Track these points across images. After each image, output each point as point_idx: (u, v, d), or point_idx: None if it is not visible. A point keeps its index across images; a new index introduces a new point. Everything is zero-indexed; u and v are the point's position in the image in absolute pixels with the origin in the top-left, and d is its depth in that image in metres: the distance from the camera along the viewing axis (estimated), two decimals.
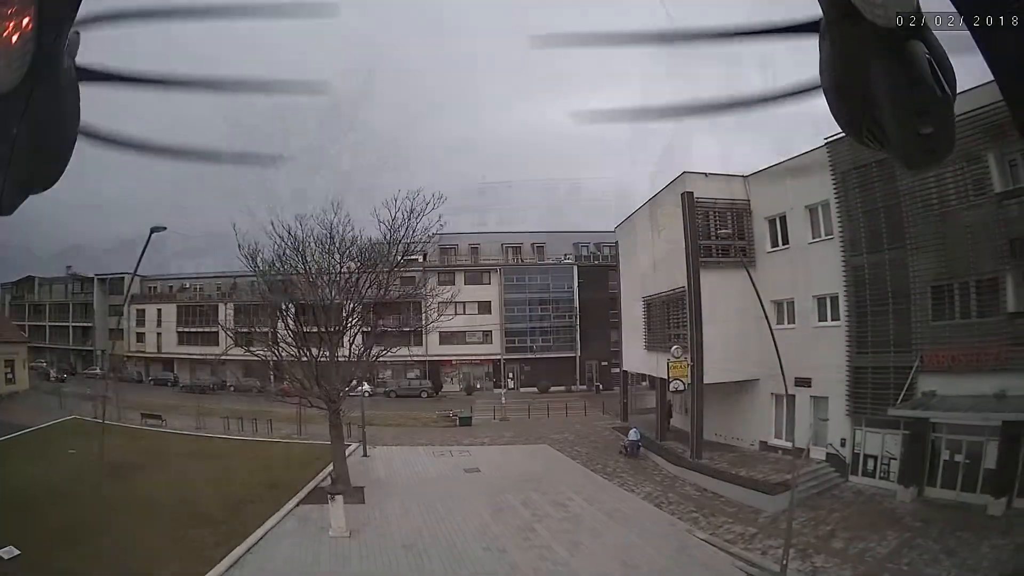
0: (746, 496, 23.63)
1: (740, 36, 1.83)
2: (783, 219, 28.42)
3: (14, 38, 1.42)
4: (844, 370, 25.11)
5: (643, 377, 41.07)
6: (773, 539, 19.44)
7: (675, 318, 31.00)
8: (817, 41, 1.69)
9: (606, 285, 63.67)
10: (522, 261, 69.39)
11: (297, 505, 23.98)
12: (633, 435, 32.53)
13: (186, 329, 76.41)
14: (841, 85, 1.66)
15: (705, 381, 28.51)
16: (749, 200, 29.92)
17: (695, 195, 28.89)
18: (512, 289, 67.01)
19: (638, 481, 27.77)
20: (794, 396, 26.05)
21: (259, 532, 20.79)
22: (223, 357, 52.42)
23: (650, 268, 34.02)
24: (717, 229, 29.46)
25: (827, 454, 25.75)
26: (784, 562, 16.40)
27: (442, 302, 41.09)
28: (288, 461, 31.00)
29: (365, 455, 31.64)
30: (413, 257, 33.13)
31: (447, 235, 70.83)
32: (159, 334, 79.12)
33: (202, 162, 2.27)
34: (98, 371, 76.82)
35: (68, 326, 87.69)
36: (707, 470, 26.74)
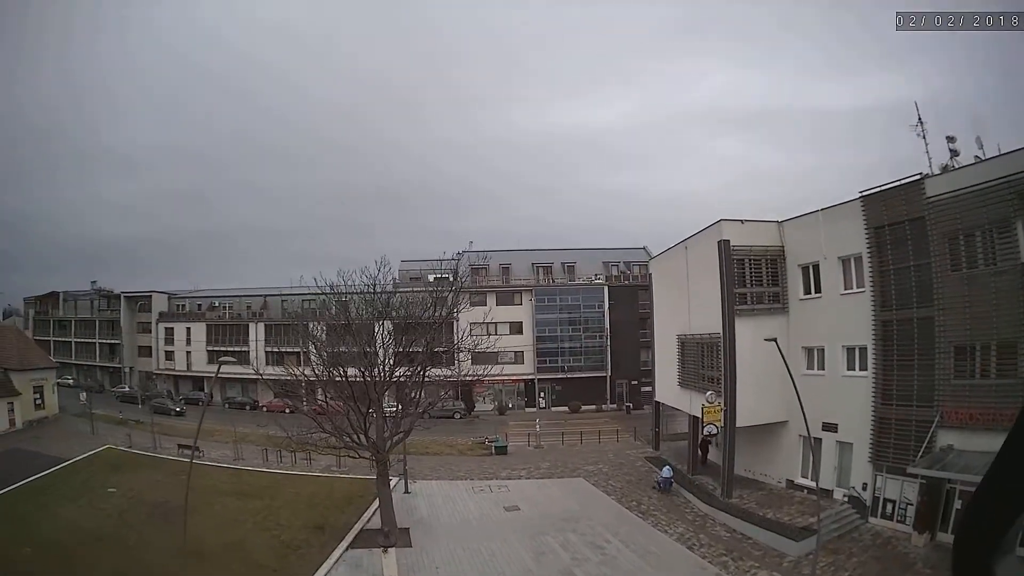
0: (772, 540, 25.66)
1: None
2: (816, 268, 30.29)
3: None
4: (869, 419, 27.02)
5: None
6: None
7: (709, 361, 32.98)
8: None
9: (636, 305, 65.76)
10: (553, 281, 71.41)
11: (347, 550, 26.17)
12: (666, 472, 34.75)
13: (215, 347, 78.37)
14: None
15: (737, 425, 30.47)
16: (783, 246, 31.86)
17: (731, 243, 30.88)
18: (543, 309, 69.28)
19: (671, 520, 29.92)
20: (820, 439, 28.31)
21: None
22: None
23: (684, 308, 36.04)
24: (752, 275, 31.39)
25: (849, 497, 27.73)
26: None
27: (474, 325, 43.12)
28: (331, 499, 33.22)
29: (407, 492, 33.99)
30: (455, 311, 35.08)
31: (479, 253, 73.40)
32: (188, 352, 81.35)
33: None
34: (127, 389, 79.78)
35: (95, 342, 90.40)
36: (736, 511, 28.78)
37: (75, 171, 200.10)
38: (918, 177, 25.61)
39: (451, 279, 69.26)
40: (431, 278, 72.48)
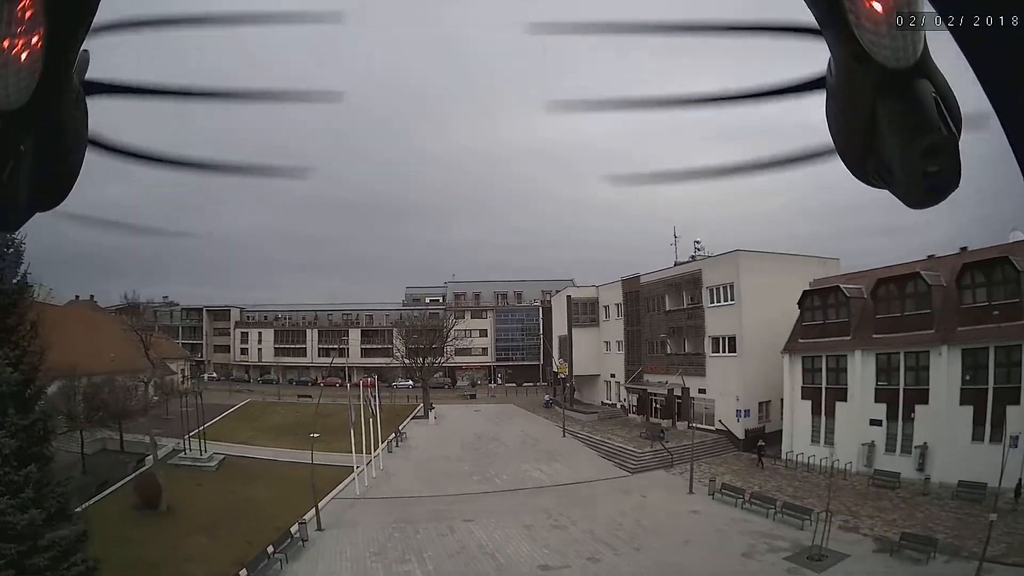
0: (579, 417, 64.06)
1: (749, 99, 1.94)
2: (608, 307, 69.88)
3: (23, 56, 1.53)
4: (623, 370, 66.04)
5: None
6: (588, 428, 60.08)
7: (566, 347, 72.23)
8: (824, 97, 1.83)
9: None
10: (507, 303, 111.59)
11: (411, 419, 65.61)
12: (547, 398, 75.07)
13: (281, 346, 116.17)
14: (847, 128, 1.78)
15: (575, 374, 69.62)
16: (598, 297, 71.33)
17: (572, 297, 70.27)
18: (501, 321, 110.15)
19: (545, 415, 69.49)
20: (609, 381, 68.24)
21: (403, 425, 61.68)
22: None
23: (561, 323, 75.50)
24: (582, 310, 70.84)
25: (621, 406, 66.76)
26: (562, 423, 57.41)
27: (459, 332, 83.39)
28: (395, 410, 70.88)
29: (431, 407, 72.54)
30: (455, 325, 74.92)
31: (459, 283, 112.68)
32: (260, 349, 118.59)
33: (227, 175, 2.36)
34: (215, 375, 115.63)
35: (179, 343, 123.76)
36: (572, 409, 67.68)
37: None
38: (638, 274, 64.51)
39: (441, 300, 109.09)
40: (427, 300, 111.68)
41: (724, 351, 51.45)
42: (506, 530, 32.07)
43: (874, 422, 39.09)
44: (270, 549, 28.45)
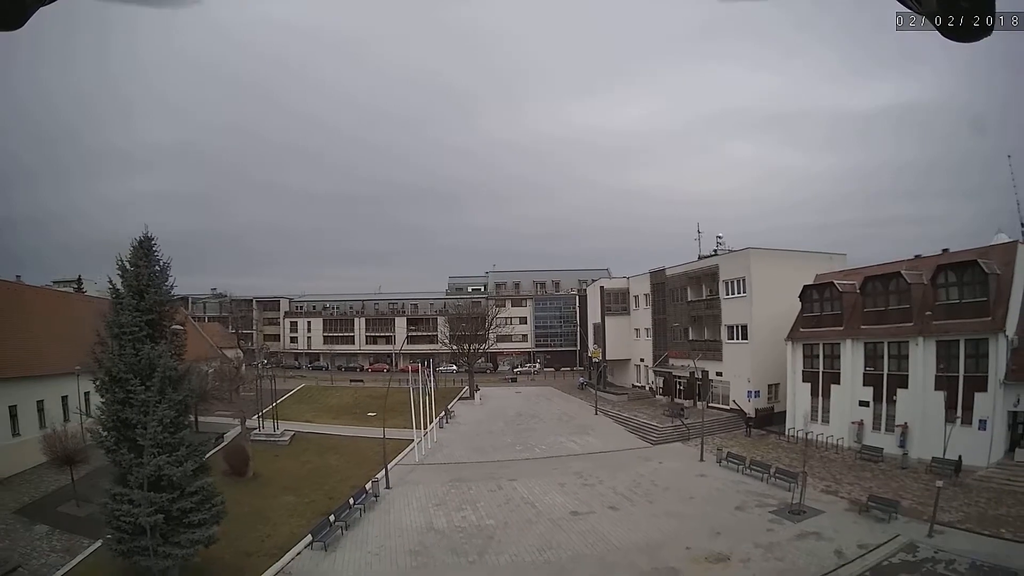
0: (611, 397, 71.54)
1: None
2: (637, 296, 76.86)
3: None
4: (651, 355, 72.94)
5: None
6: (617, 407, 67.24)
7: (599, 333, 79.35)
8: None
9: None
10: (545, 292, 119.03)
11: (457, 400, 73.70)
12: (581, 379, 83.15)
13: (329, 334, 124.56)
14: None
15: (608, 359, 76.88)
16: (628, 288, 78.25)
17: (604, 288, 77.43)
18: (540, 309, 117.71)
19: (580, 395, 77.29)
20: (639, 365, 75.43)
21: (451, 405, 69.52)
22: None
23: (595, 311, 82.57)
24: (615, 299, 77.81)
25: (649, 388, 73.65)
26: (595, 403, 64.75)
27: (500, 320, 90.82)
28: (442, 392, 78.56)
29: (477, 388, 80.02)
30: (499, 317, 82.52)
31: (500, 273, 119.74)
32: (309, 338, 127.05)
33: None
34: (265, 362, 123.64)
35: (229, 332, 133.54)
36: (604, 391, 74.62)
37: (81, 172, 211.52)
38: (663, 267, 71.05)
39: (483, 289, 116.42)
40: (469, 289, 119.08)
41: (738, 338, 58.12)
42: (544, 487, 39.69)
43: (862, 403, 45.22)
44: (351, 501, 35.99)
